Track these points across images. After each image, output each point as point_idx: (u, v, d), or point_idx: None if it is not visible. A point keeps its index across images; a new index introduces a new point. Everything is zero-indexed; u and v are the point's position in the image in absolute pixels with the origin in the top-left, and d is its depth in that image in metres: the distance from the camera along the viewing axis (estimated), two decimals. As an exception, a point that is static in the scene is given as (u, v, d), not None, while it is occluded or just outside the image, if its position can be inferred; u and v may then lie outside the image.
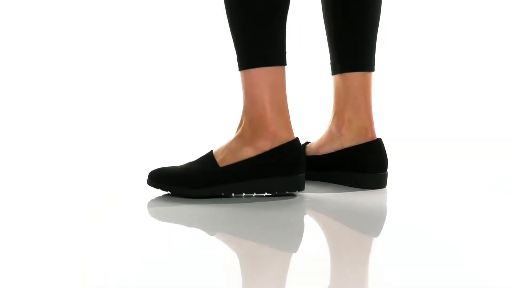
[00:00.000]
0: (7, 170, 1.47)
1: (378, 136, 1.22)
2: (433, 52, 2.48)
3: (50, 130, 2.16)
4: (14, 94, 2.42)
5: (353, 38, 1.22)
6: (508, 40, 2.47)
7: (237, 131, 1.14)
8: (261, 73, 1.09)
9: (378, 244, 0.89)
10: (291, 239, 0.89)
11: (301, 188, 1.12)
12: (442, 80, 2.48)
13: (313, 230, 0.98)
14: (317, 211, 1.07)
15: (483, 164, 1.55)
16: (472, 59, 2.47)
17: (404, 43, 2.47)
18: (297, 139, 1.11)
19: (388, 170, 1.21)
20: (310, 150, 1.27)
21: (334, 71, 1.24)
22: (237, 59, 1.11)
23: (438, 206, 1.10)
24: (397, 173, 1.31)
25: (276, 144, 1.09)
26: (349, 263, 0.79)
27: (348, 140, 1.22)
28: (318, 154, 1.25)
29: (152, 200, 1.12)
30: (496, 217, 1.01)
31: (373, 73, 1.23)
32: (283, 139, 1.10)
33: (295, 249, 0.85)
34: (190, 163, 1.14)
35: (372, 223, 0.99)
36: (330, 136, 1.24)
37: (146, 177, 1.15)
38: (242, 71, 1.11)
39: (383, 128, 1.32)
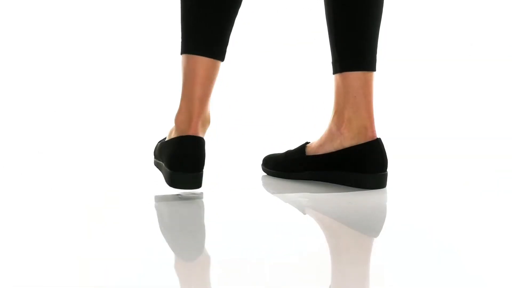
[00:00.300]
0: (7, 170, 1.47)
1: (378, 136, 1.21)
2: (433, 52, 2.48)
3: (50, 130, 2.16)
4: (14, 94, 2.41)
5: (353, 36, 1.21)
6: (509, 41, 2.47)
7: None
8: (184, 60, 1.12)
9: (378, 244, 0.89)
10: (291, 239, 0.89)
11: (179, 186, 1.08)
12: (442, 80, 2.48)
13: (313, 230, 0.98)
14: (317, 211, 1.07)
15: (483, 164, 1.54)
16: (472, 59, 2.47)
17: (404, 43, 2.47)
18: (190, 137, 1.08)
19: (388, 170, 1.21)
20: (310, 150, 1.27)
21: (335, 70, 1.24)
22: None
23: (438, 206, 1.10)
24: (397, 173, 1.31)
25: (175, 135, 1.10)
26: (349, 263, 0.79)
27: (348, 139, 1.21)
28: (318, 153, 1.25)
29: (152, 200, 1.12)
30: (496, 217, 1.01)
31: (374, 72, 1.22)
32: (180, 132, 1.09)
33: (294, 249, 0.85)
34: None
35: (372, 223, 0.99)
36: (330, 135, 1.24)
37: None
38: None
39: (383, 128, 1.32)
